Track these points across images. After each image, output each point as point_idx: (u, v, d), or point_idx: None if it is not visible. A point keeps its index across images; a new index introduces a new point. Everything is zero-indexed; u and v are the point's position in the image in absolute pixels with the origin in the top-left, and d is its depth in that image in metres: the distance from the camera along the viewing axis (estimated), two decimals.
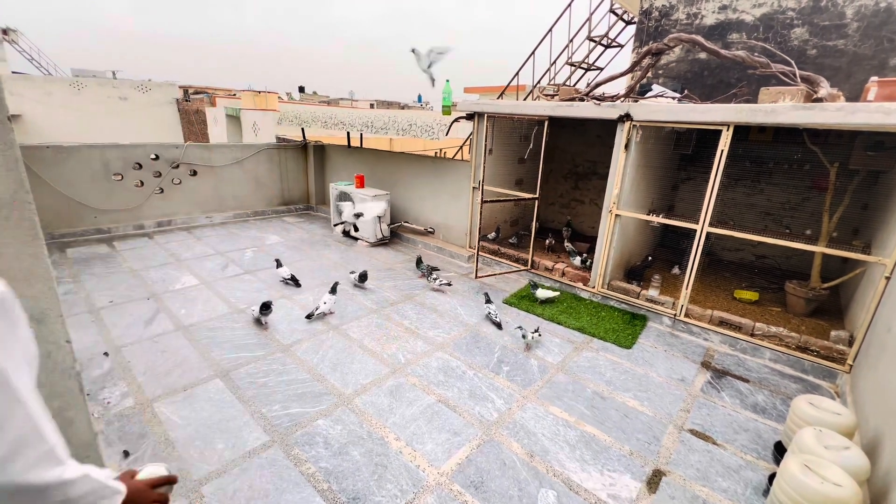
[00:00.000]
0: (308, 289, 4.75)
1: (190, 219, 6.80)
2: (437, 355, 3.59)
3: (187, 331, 3.75)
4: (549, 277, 5.19)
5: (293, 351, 3.54)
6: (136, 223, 6.29)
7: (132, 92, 20.33)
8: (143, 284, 4.61)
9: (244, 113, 14.55)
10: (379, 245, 6.43)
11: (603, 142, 6.34)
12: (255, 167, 7.40)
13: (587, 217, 6.75)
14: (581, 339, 3.99)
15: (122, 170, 6.08)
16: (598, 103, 4.31)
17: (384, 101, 39.59)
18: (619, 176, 4.29)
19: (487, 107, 5.19)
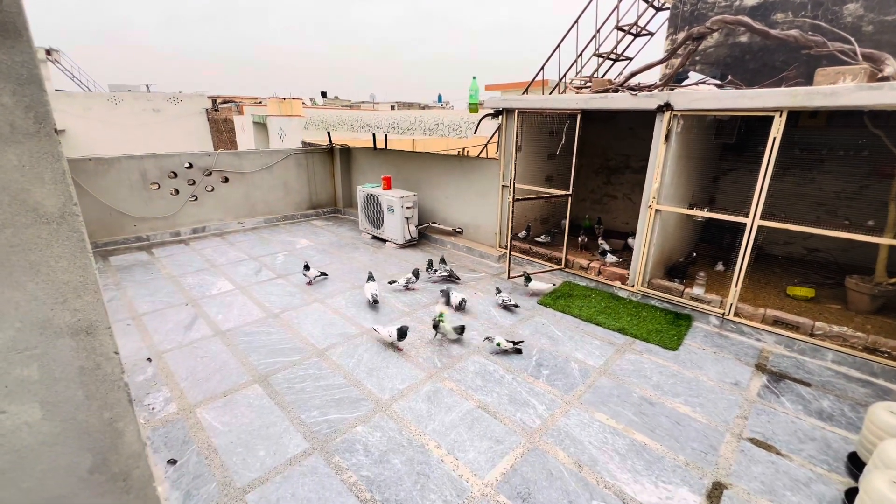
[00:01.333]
0: (340, 292, 4.75)
1: (223, 225, 6.95)
2: (474, 359, 3.50)
3: (225, 336, 3.80)
4: (584, 276, 5.02)
5: (328, 356, 3.52)
6: (172, 230, 6.48)
7: (164, 104, 21.16)
8: (182, 290, 4.71)
9: (270, 119, 14.87)
10: (407, 246, 6.39)
11: (635, 134, 6.10)
12: (283, 172, 7.50)
13: (620, 213, 6.53)
14: (622, 340, 3.83)
15: (159, 179, 6.27)
16: (634, 94, 4.12)
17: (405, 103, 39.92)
18: (659, 169, 4.10)
19: (516, 102, 5.07)
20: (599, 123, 6.35)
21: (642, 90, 4.35)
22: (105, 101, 19.88)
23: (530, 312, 4.34)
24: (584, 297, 4.61)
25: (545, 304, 4.50)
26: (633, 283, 4.59)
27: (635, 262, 4.51)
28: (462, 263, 5.73)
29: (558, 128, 5.59)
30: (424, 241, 6.71)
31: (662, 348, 3.68)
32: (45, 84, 1.32)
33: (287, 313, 4.24)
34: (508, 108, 5.26)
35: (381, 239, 6.64)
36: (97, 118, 19.56)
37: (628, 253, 5.38)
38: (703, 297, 4.14)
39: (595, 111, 4.51)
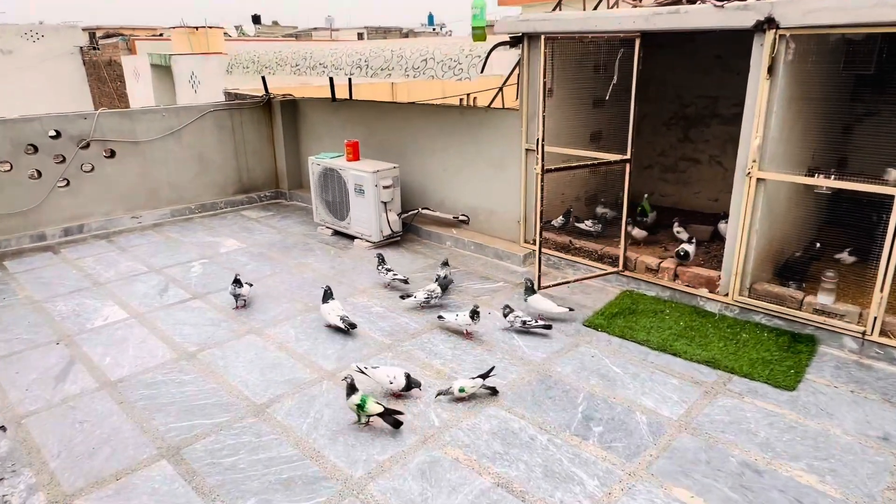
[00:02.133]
0: (287, 317, 4.77)
1: (109, 221, 6.97)
2: (489, 412, 3.51)
3: (115, 389, 3.82)
4: (653, 282, 5.02)
5: (271, 414, 3.53)
6: (34, 232, 6.50)
7: (18, 41, 21.23)
8: (50, 322, 4.73)
9: (177, 60, 14.88)
10: (386, 244, 6.40)
11: (725, 65, 6.08)
12: (197, 140, 7.52)
13: (706, 184, 6.52)
14: (712, 376, 3.84)
15: (11, 156, 6.29)
16: (719, 4, 4.11)
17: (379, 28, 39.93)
18: (761, 118, 4.09)
19: (544, 23, 5.05)
20: (670, 51, 6.33)
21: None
22: None
23: (573, 339, 4.35)
24: (653, 314, 4.61)
25: (594, 326, 4.50)
26: (726, 291, 4.58)
27: (729, 258, 4.50)
28: (470, 268, 5.73)
29: (607, 60, 5.57)
30: (412, 235, 6.71)
31: (773, 387, 3.68)
32: None
33: (208, 352, 4.25)
34: (532, 33, 5.24)
35: (346, 235, 6.65)
36: None
37: (719, 245, 5.37)
38: (834, 309, 4.13)
39: (661, 33, 4.49)
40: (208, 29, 17.88)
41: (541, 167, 4.62)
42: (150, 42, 19.73)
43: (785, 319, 4.34)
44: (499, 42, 5.26)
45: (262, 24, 40.22)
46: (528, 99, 5.47)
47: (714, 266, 4.91)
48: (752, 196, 4.27)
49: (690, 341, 4.22)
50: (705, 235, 5.58)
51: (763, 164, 4.20)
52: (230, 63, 7.75)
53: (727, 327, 4.40)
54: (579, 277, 5.18)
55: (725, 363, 3.93)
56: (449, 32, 42.13)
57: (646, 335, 4.32)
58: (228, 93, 9.42)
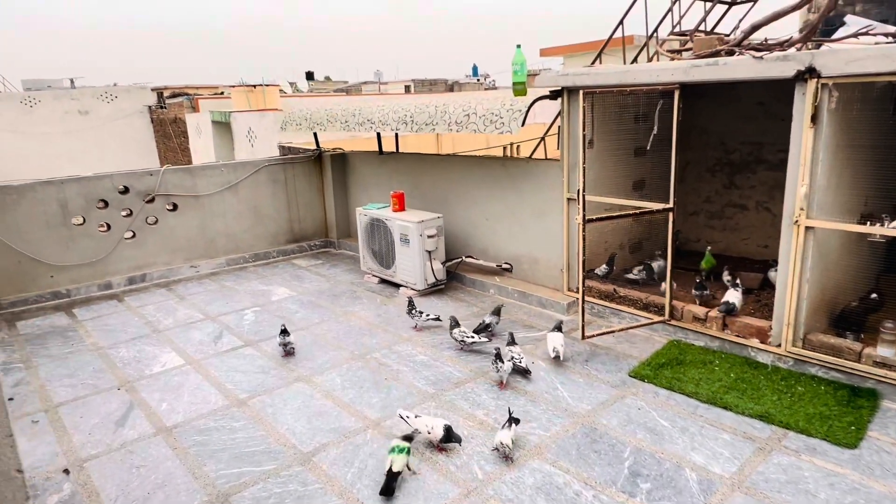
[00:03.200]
0: (333, 365, 4.85)
1: (170, 270, 7.31)
2: (533, 465, 3.46)
3: (170, 434, 3.95)
4: (701, 332, 4.90)
5: (317, 462, 3.58)
6: (101, 281, 6.88)
7: (94, 103, 22.94)
8: (112, 368, 4.96)
9: (236, 117, 15.73)
10: (431, 293, 6.47)
11: (768, 111, 6.03)
12: (252, 192, 7.88)
13: (755, 231, 6.37)
14: (766, 432, 3.68)
15: (84, 210, 6.73)
16: (758, 55, 4.12)
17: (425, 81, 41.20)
18: (807, 166, 4.02)
19: (582, 77, 5.16)
20: (713, 100, 6.33)
21: (771, 49, 4.34)
22: (17, 104, 21.78)
23: (619, 390, 4.27)
24: (702, 365, 4.48)
25: (641, 377, 4.41)
26: (778, 342, 4.43)
27: (780, 307, 4.37)
28: (514, 316, 5.73)
29: (647, 110, 5.62)
30: (456, 283, 6.78)
31: (833, 445, 3.51)
32: None
33: (258, 399, 4.36)
34: (571, 87, 5.35)
35: (392, 283, 6.77)
36: (7, 127, 21.40)
37: (770, 293, 5.21)
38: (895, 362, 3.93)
39: (702, 84, 4.52)
40: (265, 87, 18.90)
41: (582, 217, 4.64)
42: (211, 100, 20.94)
43: (843, 372, 4.14)
44: (539, 96, 5.39)
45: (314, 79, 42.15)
46: (568, 149, 5.54)
47: (765, 315, 4.76)
48: (802, 244, 4.16)
49: (742, 394, 4.08)
50: (755, 283, 5.43)
51: (811, 212, 4.10)
52: (284, 120, 8.16)
53: (781, 380, 4.23)
54: (624, 327, 5.10)
55: (780, 418, 3.77)
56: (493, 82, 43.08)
57: (695, 387, 4.20)
58: (283, 146, 9.88)
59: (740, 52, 4.46)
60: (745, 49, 4.46)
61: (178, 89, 27.76)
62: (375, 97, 21.83)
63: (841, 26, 5.09)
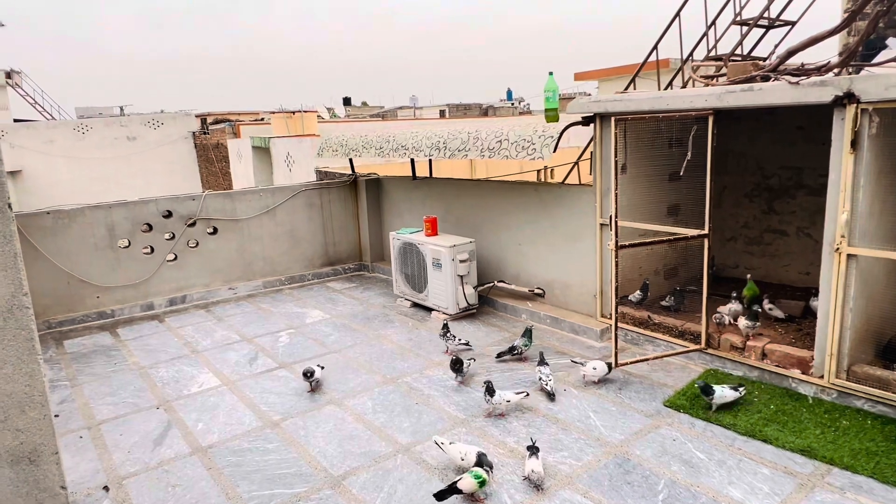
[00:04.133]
0: (364, 389, 4.90)
1: (209, 292, 7.52)
2: (564, 495, 3.41)
3: (205, 454, 4.03)
4: (738, 361, 4.77)
5: (347, 486, 3.60)
6: (144, 302, 7.11)
7: (142, 129, 23.96)
8: (152, 387, 5.11)
9: (275, 143, 16.19)
10: (463, 317, 6.49)
11: (808, 136, 5.92)
12: (289, 217, 8.07)
13: (795, 257, 6.21)
14: (808, 467, 3.55)
15: (130, 234, 7.01)
16: (794, 81, 4.08)
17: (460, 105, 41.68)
18: (847, 192, 3.93)
19: (615, 104, 5.17)
20: (750, 125, 6.26)
21: (808, 74, 4.28)
22: (71, 131, 22.90)
23: (653, 420, 4.19)
24: None
25: (676, 407, 4.31)
26: (821, 373, 4.28)
27: (822, 337, 4.23)
28: (545, 342, 5.69)
29: (682, 135, 5.58)
30: (487, 308, 6.77)
31: (881, 483, 3.37)
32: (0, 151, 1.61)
33: (291, 421, 4.42)
34: (603, 113, 5.37)
35: (424, 307, 6.81)
36: (61, 152, 22.49)
37: (812, 322, 5.06)
38: None
39: (737, 109, 4.48)
40: (304, 113, 19.46)
41: (615, 243, 4.61)
42: (252, 126, 21.63)
43: (891, 406, 3.97)
44: (571, 123, 5.41)
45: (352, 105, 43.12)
46: (601, 175, 5.53)
47: (806, 345, 4.62)
48: (844, 272, 4.04)
49: (782, 427, 3.95)
50: (797, 311, 5.28)
51: (853, 239, 3.99)
52: (321, 147, 8.38)
53: (824, 412, 4.08)
54: (659, 355, 5.01)
55: (823, 453, 3.64)
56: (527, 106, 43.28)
57: (732, 419, 4.08)
58: (319, 171, 10.12)
59: (776, 78, 4.41)
60: (781, 74, 4.41)
61: (221, 115, 28.75)
62: (410, 123, 22.18)
63: (882, 49, 4.99)
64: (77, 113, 31.13)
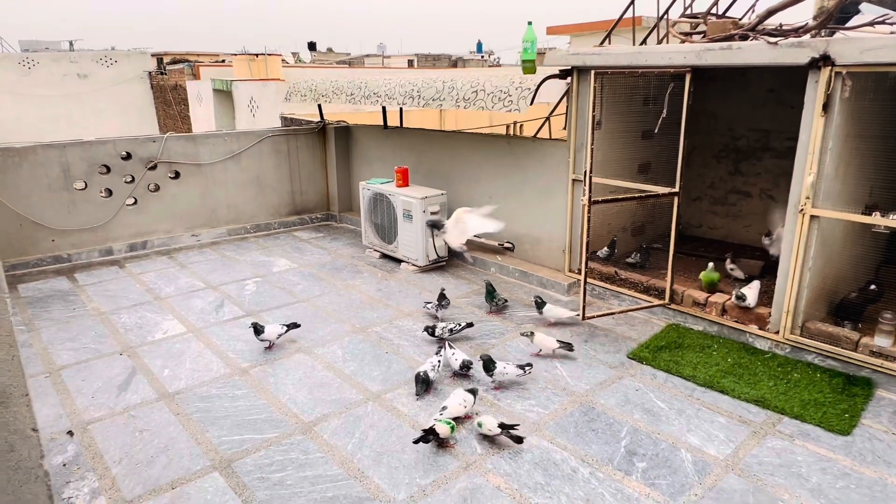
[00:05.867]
0: (335, 337, 4.89)
1: (171, 238, 7.30)
2: (531, 442, 3.51)
3: (172, 400, 3.98)
4: (700, 317, 4.93)
5: (318, 432, 3.62)
6: (102, 247, 6.87)
7: (93, 66, 22.63)
8: (114, 333, 4.98)
9: (238, 86, 15.56)
10: (432, 269, 6.49)
11: (778, 99, 6.00)
12: (255, 163, 7.83)
13: (757, 218, 6.38)
14: (761, 416, 3.73)
15: (86, 175, 6.69)
16: (772, 41, 4.09)
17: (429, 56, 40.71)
18: (815, 154, 4.01)
19: (594, 57, 5.11)
20: (723, 85, 6.29)
21: (786, 35, 4.30)
22: (15, 65, 21.46)
23: (617, 371, 4.31)
24: (700, 350, 4.53)
25: (639, 359, 4.45)
26: (777, 329, 4.46)
27: (780, 295, 4.39)
28: (514, 295, 5.75)
29: (657, 93, 5.58)
30: (457, 261, 6.78)
31: (826, 431, 3.56)
32: None
33: (260, 368, 4.39)
34: (582, 67, 5.30)
35: (393, 258, 6.77)
36: (5, 88, 21.11)
37: (769, 281, 5.25)
38: (892, 352, 3.97)
39: (714, 68, 4.48)
40: (267, 56, 18.68)
41: (588, 199, 4.64)
42: (212, 68, 20.70)
43: (839, 360, 4.19)
44: (549, 75, 5.34)
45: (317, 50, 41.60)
46: (575, 130, 5.51)
47: (764, 302, 4.80)
48: (806, 233, 4.17)
49: (739, 379, 4.12)
50: (756, 270, 5.45)
51: (817, 202, 4.11)
52: (289, 91, 8.08)
53: (777, 366, 4.28)
54: (624, 309, 5.13)
55: (775, 403, 3.82)
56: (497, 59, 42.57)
57: (692, 370, 4.24)
58: (285, 117, 9.80)
59: (754, 37, 4.42)
60: (760, 34, 4.42)
61: (179, 55, 27.41)
62: (380, 71, 21.61)
63: (856, 14, 5.04)
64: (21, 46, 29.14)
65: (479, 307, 5.48)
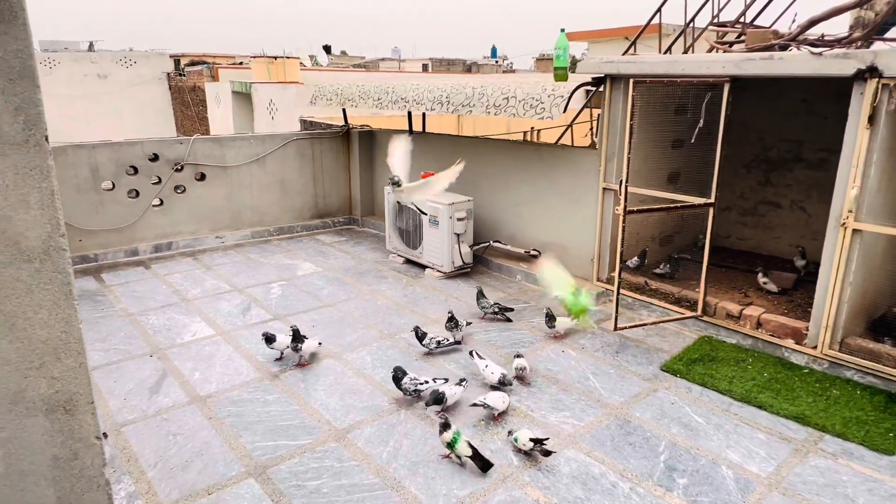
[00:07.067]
0: (363, 343, 4.86)
1: (196, 240, 7.32)
2: (568, 454, 3.46)
3: (204, 404, 3.97)
4: (733, 329, 4.87)
5: (351, 440, 3.59)
6: (128, 247, 6.89)
7: (113, 67, 22.83)
8: (144, 334, 4.99)
9: (257, 88, 15.63)
10: (457, 275, 6.46)
11: (811, 109, 5.93)
12: (280, 166, 7.84)
13: (788, 230, 6.30)
14: (802, 434, 3.66)
15: (114, 176, 6.72)
16: (816, 52, 4.03)
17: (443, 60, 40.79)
18: (859, 168, 3.95)
19: (628, 66, 5.07)
20: (754, 95, 6.22)
21: (830, 46, 4.24)
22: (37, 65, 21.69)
23: (651, 384, 4.26)
24: (734, 363, 4.46)
25: (673, 371, 4.39)
26: (814, 344, 4.39)
27: (819, 309, 4.32)
28: (541, 303, 5.70)
29: (688, 102, 5.53)
30: (482, 267, 6.75)
31: (870, 450, 3.49)
32: (38, 77, 1.47)
33: (290, 373, 4.37)
34: (615, 75, 5.26)
35: (418, 264, 6.75)
36: None
37: (804, 293, 5.17)
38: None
39: (751, 78, 4.43)
40: (286, 59, 18.75)
41: (623, 208, 4.59)
42: (231, 70, 20.83)
43: (880, 377, 4.11)
44: (582, 83, 5.30)
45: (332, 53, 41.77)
46: (607, 138, 5.47)
47: (800, 316, 4.73)
48: (847, 247, 4.10)
49: (776, 394, 4.05)
50: (789, 283, 5.38)
51: (860, 215, 4.04)
52: (314, 95, 8.09)
53: (815, 382, 4.20)
54: (656, 321, 5.07)
55: (816, 420, 3.75)
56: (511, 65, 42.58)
57: (728, 385, 4.18)
58: (304, 120, 9.81)
59: (796, 47, 4.36)
60: (800, 44, 4.36)
61: (197, 57, 27.61)
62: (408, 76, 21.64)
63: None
64: (41, 46, 29.50)
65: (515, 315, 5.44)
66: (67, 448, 1.65)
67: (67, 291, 1.57)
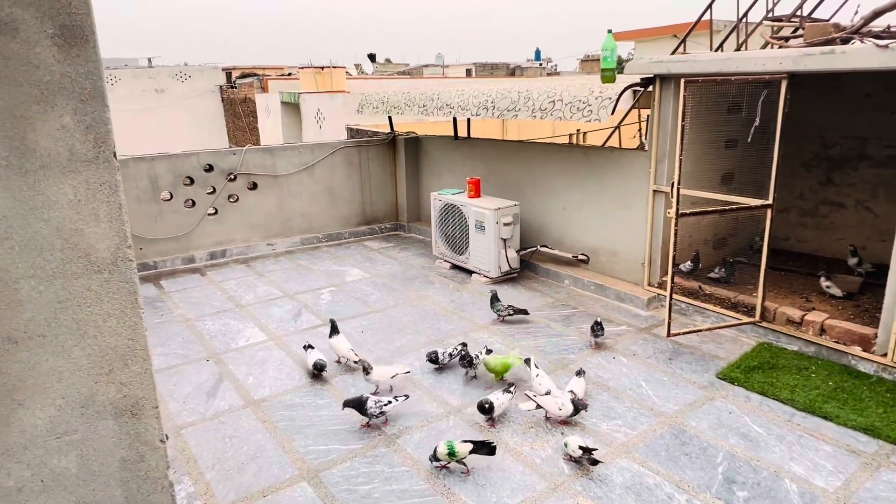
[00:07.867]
0: (411, 349, 4.89)
1: (248, 247, 7.54)
2: (621, 463, 3.39)
3: (258, 408, 4.07)
4: (795, 336, 4.66)
5: (401, 445, 3.62)
6: (185, 255, 7.16)
7: (169, 81, 23.84)
8: (200, 339, 5.16)
9: (305, 98, 15.99)
10: (504, 280, 6.43)
11: (876, 104, 5.65)
12: (328, 174, 8.00)
13: (851, 231, 6.00)
14: (872, 446, 3.48)
15: (172, 186, 7.00)
16: (882, 44, 3.83)
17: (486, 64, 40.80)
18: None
19: (679, 65, 4.95)
20: (812, 91, 5.97)
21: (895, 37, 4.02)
22: None
23: (707, 392, 4.13)
24: (796, 371, 4.28)
25: (730, 379, 4.24)
26: (884, 351, 4.16)
27: (889, 314, 4.09)
28: (590, 309, 5.62)
29: (742, 100, 5.35)
30: (529, 272, 6.70)
31: None
32: (107, 97, 1.54)
33: (340, 378, 4.44)
34: (665, 75, 5.14)
35: (464, 269, 6.75)
36: None
37: (871, 298, 4.92)
38: None
39: (811, 74, 4.25)
40: (332, 69, 19.14)
41: (675, 211, 4.47)
42: (279, 81, 21.39)
43: None
44: (630, 84, 5.20)
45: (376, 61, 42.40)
46: (657, 139, 5.34)
47: (866, 322, 4.49)
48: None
49: (843, 404, 3.86)
50: (854, 287, 5.12)
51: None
52: (361, 103, 8.23)
53: (886, 391, 3.98)
54: (711, 326, 4.91)
55: (887, 433, 3.56)
56: (555, 67, 42.24)
57: (790, 393, 4.00)
58: (351, 128, 9.99)
59: (859, 40, 4.16)
60: (863, 36, 4.16)
61: (247, 70, 28.47)
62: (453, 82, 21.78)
63: None
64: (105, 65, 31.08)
65: (555, 321, 5.38)
66: (134, 450, 1.72)
67: (134, 300, 1.63)
